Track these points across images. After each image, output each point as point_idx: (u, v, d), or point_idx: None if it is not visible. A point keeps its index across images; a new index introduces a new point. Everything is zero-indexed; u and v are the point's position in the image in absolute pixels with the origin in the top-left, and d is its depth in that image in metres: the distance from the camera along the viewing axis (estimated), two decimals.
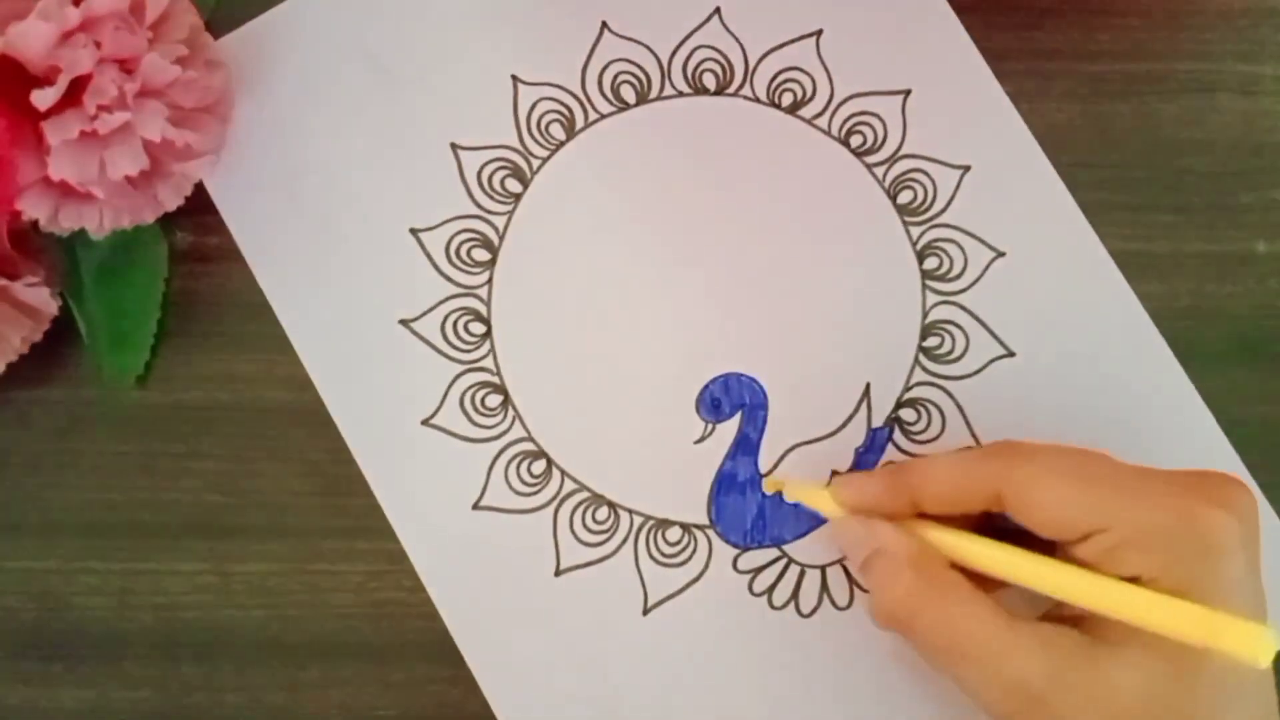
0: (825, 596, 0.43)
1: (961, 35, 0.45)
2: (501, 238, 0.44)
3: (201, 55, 0.42)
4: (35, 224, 0.40)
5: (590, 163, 0.45)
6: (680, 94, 0.45)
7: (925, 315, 0.44)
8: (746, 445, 0.43)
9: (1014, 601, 0.37)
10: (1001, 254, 0.44)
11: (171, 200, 0.42)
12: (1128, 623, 0.34)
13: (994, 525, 0.39)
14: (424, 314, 0.44)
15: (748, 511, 0.43)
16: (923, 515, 0.39)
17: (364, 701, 0.43)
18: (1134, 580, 0.35)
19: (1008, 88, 0.45)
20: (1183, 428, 0.44)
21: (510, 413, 0.44)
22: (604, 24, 0.45)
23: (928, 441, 0.44)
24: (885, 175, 0.45)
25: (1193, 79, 0.46)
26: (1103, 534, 0.35)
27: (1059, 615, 0.37)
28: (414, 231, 0.44)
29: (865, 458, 0.44)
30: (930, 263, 0.44)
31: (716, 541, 0.43)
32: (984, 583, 0.37)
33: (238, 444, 0.44)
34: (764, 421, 0.44)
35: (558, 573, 0.43)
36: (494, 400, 0.44)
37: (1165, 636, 0.34)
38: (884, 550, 0.38)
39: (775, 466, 0.43)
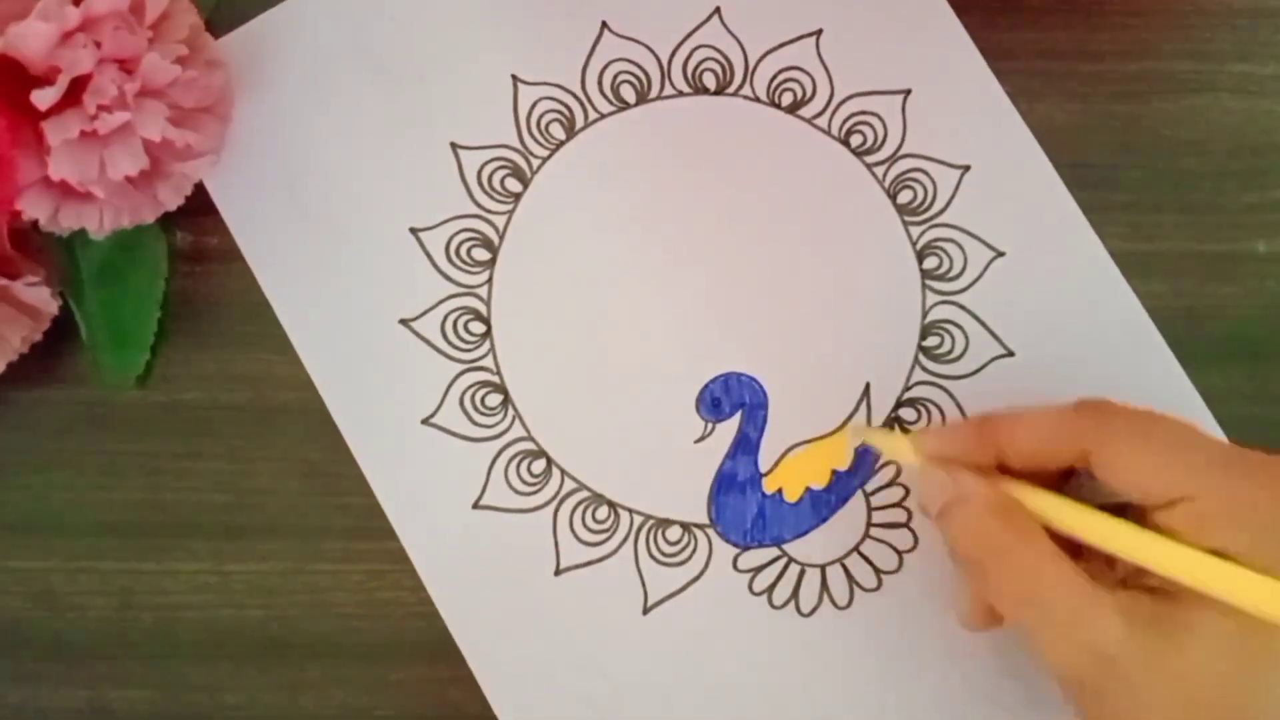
0: (825, 596, 0.43)
1: (961, 35, 0.45)
2: (501, 237, 0.44)
3: (201, 55, 0.42)
4: (35, 224, 0.40)
5: (590, 162, 0.45)
6: (680, 94, 0.45)
7: (925, 315, 0.44)
8: (746, 445, 0.44)
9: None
10: (1001, 254, 0.44)
11: (171, 200, 0.42)
12: (1209, 594, 0.34)
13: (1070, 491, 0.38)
14: (424, 313, 0.44)
15: (748, 511, 0.43)
16: (1004, 470, 0.38)
17: (364, 701, 0.43)
18: (1218, 554, 0.34)
19: (1008, 88, 0.45)
20: None
21: (510, 412, 0.44)
22: (604, 24, 0.45)
23: None
24: (885, 175, 0.45)
25: (1193, 79, 0.46)
26: (1191, 502, 0.35)
27: (1137, 585, 0.36)
28: (414, 231, 0.44)
29: (865, 457, 0.44)
30: (930, 262, 0.44)
31: (716, 541, 0.43)
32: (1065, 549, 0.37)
33: (238, 444, 0.44)
34: (764, 421, 0.44)
35: (558, 572, 0.43)
36: (494, 399, 0.44)
37: (1244, 613, 0.33)
38: (966, 497, 0.38)
39: (775, 466, 0.43)
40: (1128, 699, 0.34)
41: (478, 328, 0.44)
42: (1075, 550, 0.37)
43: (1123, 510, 0.36)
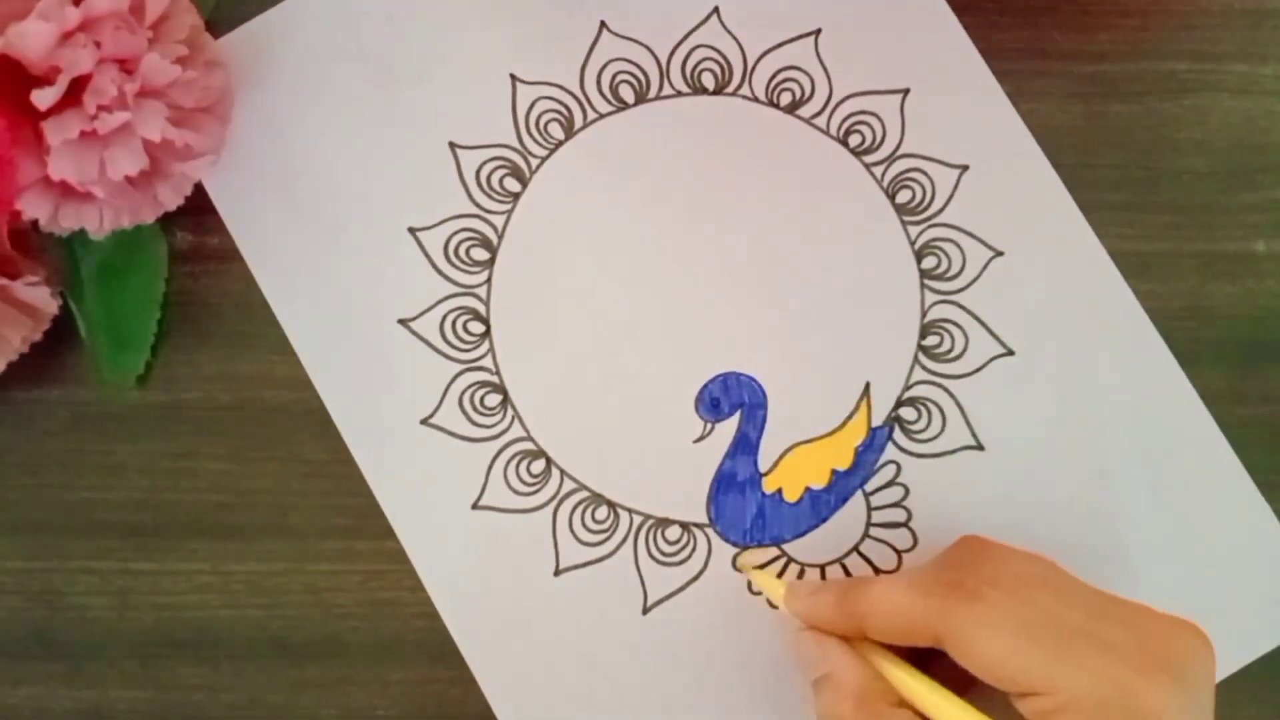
0: None
1: (961, 35, 0.45)
2: (500, 237, 0.44)
3: (201, 55, 0.42)
4: (35, 224, 0.40)
5: (589, 162, 0.45)
6: (679, 93, 0.45)
7: (924, 314, 0.44)
8: (746, 444, 0.43)
9: None
10: (1000, 253, 0.44)
11: (171, 200, 0.42)
12: None
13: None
14: (423, 313, 0.44)
15: (747, 510, 0.43)
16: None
17: (364, 701, 0.43)
18: None
19: (1007, 88, 0.45)
20: (1182, 428, 0.44)
21: (509, 412, 0.44)
22: (603, 23, 0.45)
23: (929, 440, 0.44)
24: (884, 174, 0.45)
25: (1193, 79, 0.46)
26: (1038, 698, 0.34)
27: None
28: (413, 231, 0.44)
29: (865, 456, 0.44)
30: (929, 262, 0.44)
31: (716, 540, 0.43)
32: None
33: (238, 444, 0.44)
34: (763, 420, 0.44)
35: (557, 572, 0.43)
36: (493, 400, 0.44)
37: None
38: (832, 676, 0.38)
39: (775, 466, 0.43)
40: None
41: (477, 327, 0.44)
42: None
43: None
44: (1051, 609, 0.35)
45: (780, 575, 0.43)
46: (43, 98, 0.38)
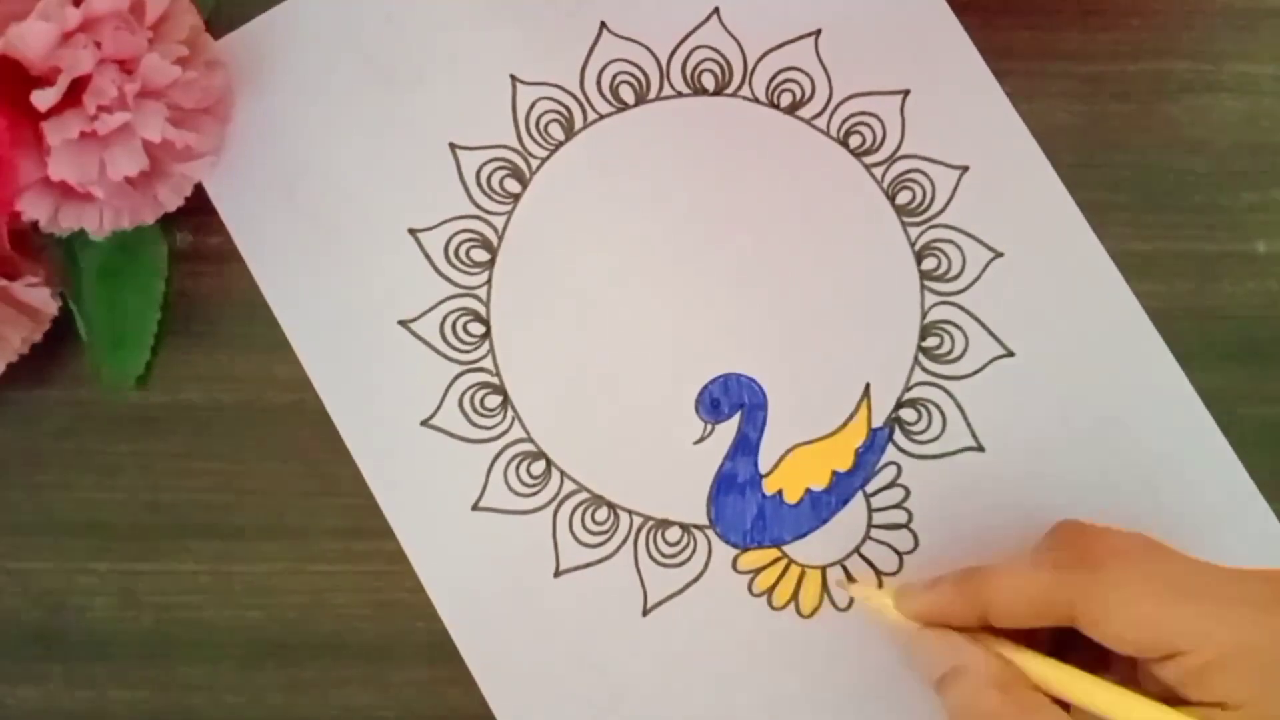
0: (825, 597, 0.43)
1: (961, 35, 0.45)
2: (500, 238, 0.44)
3: (201, 55, 0.42)
4: (35, 224, 0.40)
5: (589, 163, 0.45)
6: (679, 94, 0.45)
7: (924, 315, 0.44)
8: (746, 445, 0.43)
9: None
10: (1000, 254, 0.44)
11: (171, 200, 0.42)
12: None
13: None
14: (423, 314, 0.44)
15: (747, 512, 0.43)
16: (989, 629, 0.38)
17: (364, 701, 0.43)
18: (1220, 705, 0.33)
19: (1007, 88, 0.45)
20: (1182, 428, 0.44)
21: (509, 413, 0.44)
22: (603, 24, 0.45)
23: (929, 441, 0.44)
24: (884, 175, 0.45)
25: (1193, 79, 0.46)
26: (1185, 655, 0.34)
27: None
28: (413, 232, 0.44)
29: (865, 458, 0.44)
30: (929, 263, 0.44)
31: (716, 542, 0.43)
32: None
33: (238, 444, 0.44)
34: (763, 422, 0.44)
35: (557, 573, 0.43)
36: (493, 401, 0.44)
37: None
38: (965, 668, 0.36)
39: (775, 467, 0.43)
40: None
41: (477, 329, 0.44)
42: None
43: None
44: (1180, 572, 0.35)
45: (782, 575, 0.43)
46: (43, 98, 0.38)
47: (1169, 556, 0.36)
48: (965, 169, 0.45)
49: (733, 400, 0.44)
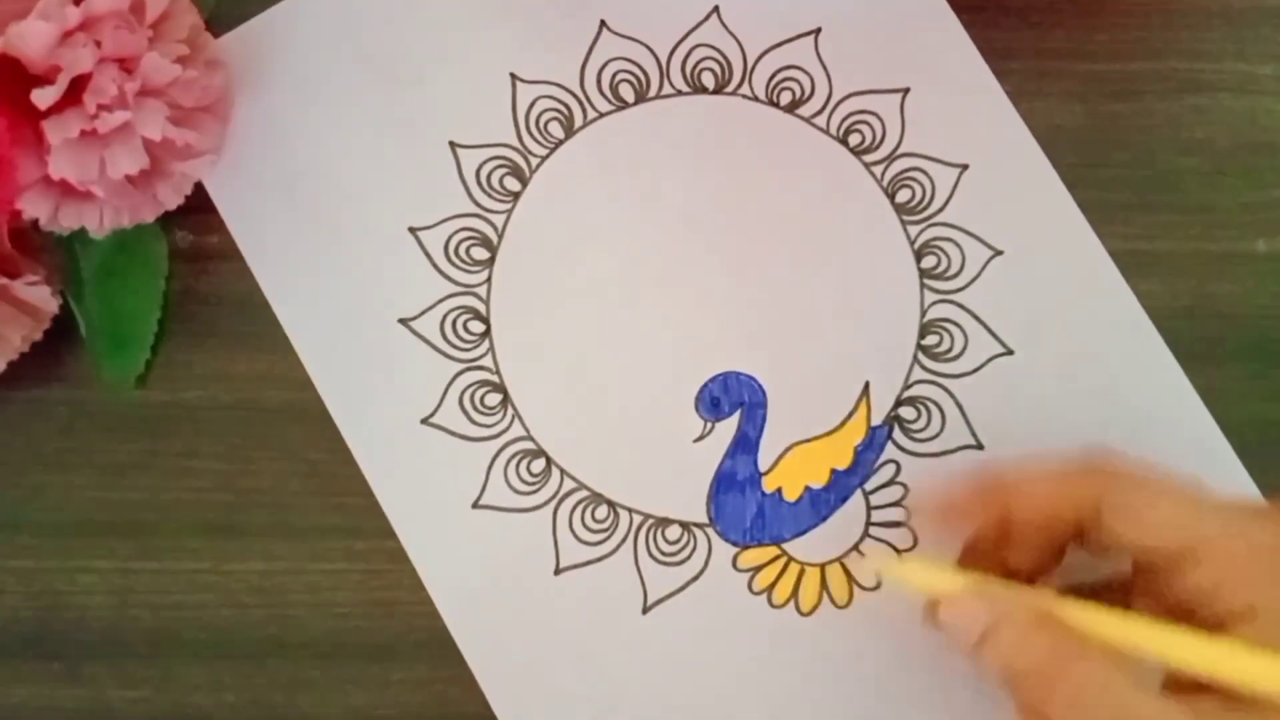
0: (825, 595, 0.43)
1: (961, 34, 0.45)
2: (500, 236, 0.44)
3: (201, 55, 0.42)
4: (35, 223, 0.40)
5: (589, 161, 0.45)
6: (679, 93, 0.45)
7: (924, 314, 0.44)
8: (745, 444, 0.43)
9: None
10: (999, 253, 0.44)
11: (171, 200, 0.42)
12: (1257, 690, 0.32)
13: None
14: (423, 313, 0.44)
15: (747, 510, 0.43)
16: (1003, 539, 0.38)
17: (364, 701, 0.43)
18: (1236, 615, 0.33)
19: (1007, 87, 0.45)
20: (1182, 428, 0.44)
21: (509, 411, 0.44)
22: (603, 22, 0.45)
23: (928, 439, 0.44)
24: (883, 174, 0.45)
25: (1193, 79, 0.46)
26: (1202, 563, 0.34)
27: (1182, 684, 0.34)
28: (413, 230, 0.44)
29: (864, 456, 0.44)
30: (928, 261, 0.44)
31: (716, 540, 0.43)
32: None
33: (238, 444, 0.44)
34: (763, 420, 0.44)
35: (557, 572, 0.43)
36: (493, 399, 0.44)
37: None
38: (1005, 620, 0.35)
39: (775, 465, 0.43)
40: None
41: (477, 327, 0.44)
42: None
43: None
44: (1198, 489, 0.36)
45: (782, 572, 0.43)
46: (43, 97, 0.38)
47: (1187, 479, 0.36)
48: (965, 167, 0.45)
49: (732, 398, 0.44)
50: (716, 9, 0.45)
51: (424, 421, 0.43)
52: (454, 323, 0.44)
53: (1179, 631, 0.34)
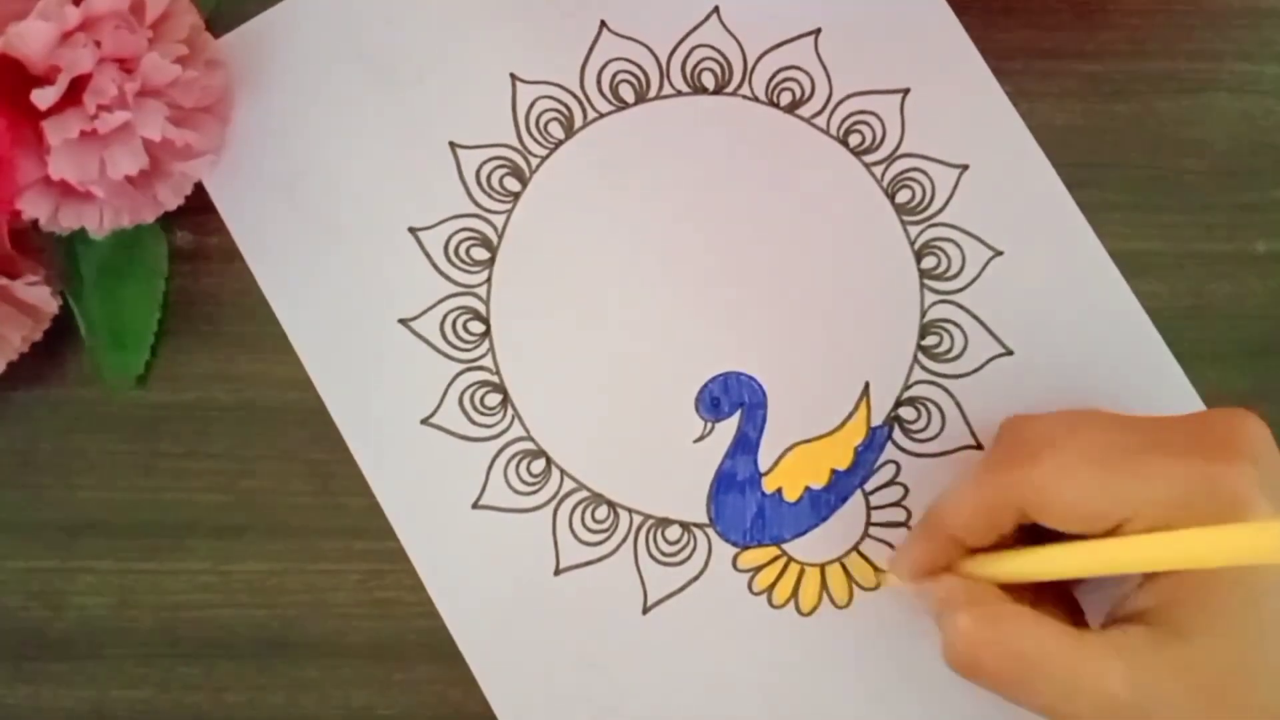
0: (825, 595, 0.43)
1: (961, 34, 0.45)
2: (500, 237, 0.44)
3: (201, 55, 0.42)
4: (35, 223, 0.40)
5: (589, 162, 0.45)
6: (679, 93, 0.45)
7: (924, 314, 0.44)
8: (746, 444, 0.43)
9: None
10: (1000, 253, 0.44)
11: (171, 200, 0.42)
12: (1178, 570, 0.34)
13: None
14: (423, 313, 0.44)
15: (747, 510, 0.43)
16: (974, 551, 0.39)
17: (364, 701, 0.43)
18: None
19: (1007, 87, 0.45)
20: None
21: (509, 412, 0.44)
22: (603, 23, 0.45)
23: (928, 440, 0.44)
24: (883, 174, 0.45)
25: (1193, 79, 0.46)
26: (1130, 522, 0.34)
27: (1121, 617, 0.36)
28: (413, 230, 0.44)
29: (864, 456, 0.44)
30: (928, 262, 0.44)
31: (716, 540, 0.43)
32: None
33: (238, 444, 0.44)
34: (763, 420, 0.44)
35: (557, 572, 0.43)
36: (493, 399, 0.44)
37: (1228, 598, 0.33)
38: (943, 602, 0.38)
39: (775, 465, 0.43)
40: None
41: (477, 327, 0.44)
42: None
43: None
44: (1110, 439, 0.36)
45: (782, 573, 0.43)
46: (43, 97, 0.38)
47: (1102, 424, 0.37)
48: (965, 168, 0.45)
49: (733, 399, 0.44)
50: (716, 9, 0.45)
51: (424, 422, 0.43)
52: (454, 323, 0.44)
53: (1089, 545, 0.36)
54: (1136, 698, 0.34)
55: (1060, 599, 0.39)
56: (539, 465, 0.43)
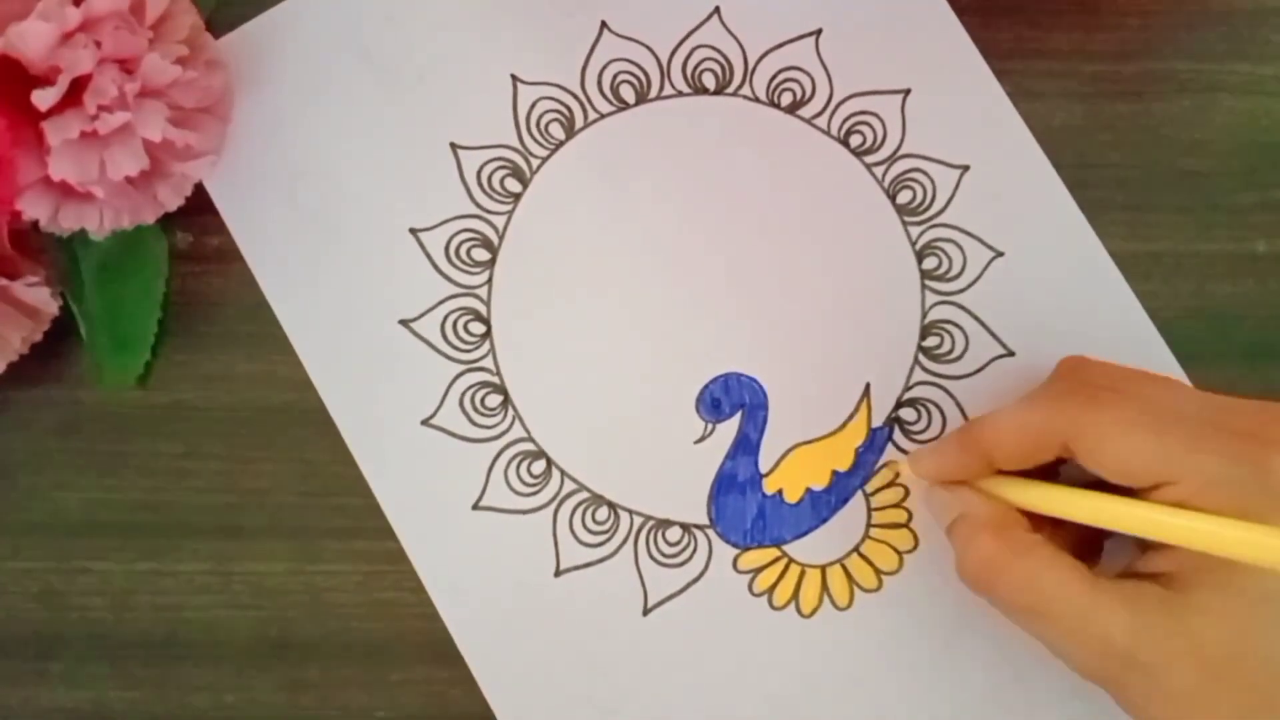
0: (825, 596, 0.43)
1: (961, 35, 0.45)
2: (501, 237, 0.44)
3: (201, 55, 0.42)
4: (35, 224, 0.40)
5: (590, 162, 0.45)
6: (680, 94, 0.45)
7: (925, 315, 0.44)
8: (746, 445, 0.43)
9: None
10: (1000, 254, 0.44)
11: (171, 200, 0.42)
12: (1204, 552, 0.34)
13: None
14: (424, 314, 0.44)
15: (748, 511, 0.43)
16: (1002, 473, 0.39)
17: (364, 701, 0.43)
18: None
19: (1008, 88, 0.45)
20: None
21: (510, 413, 0.44)
22: (603, 23, 0.45)
23: (929, 441, 0.44)
24: (884, 175, 0.45)
25: (1193, 79, 0.46)
26: (1173, 486, 0.35)
27: (1138, 573, 0.37)
28: (413, 231, 0.44)
29: (865, 457, 0.44)
30: (929, 262, 0.44)
31: (716, 541, 0.43)
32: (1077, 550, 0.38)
33: (238, 444, 0.44)
34: (764, 421, 0.44)
35: (557, 573, 0.43)
36: (494, 400, 0.44)
37: (1247, 583, 0.34)
38: (965, 515, 0.39)
39: (776, 466, 0.43)
40: (1149, 685, 0.35)
41: (477, 328, 0.44)
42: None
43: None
44: (1174, 404, 0.37)
45: (783, 574, 0.43)
46: (43, 98, 0.38)
47: (1167, 386, 0.38)
48: (966, 168, 0.45)
49: (733, 400, 0.44)
50: (717, 10, 0.45)
51: (424, 423, 0.43)
52: (454, 324, 0.44)
53: (1124, 502, 0.36)
54: (1134, 651, 0.34)
55: (1078, 530, 0.39)
56: (539, 466, 0.43)
